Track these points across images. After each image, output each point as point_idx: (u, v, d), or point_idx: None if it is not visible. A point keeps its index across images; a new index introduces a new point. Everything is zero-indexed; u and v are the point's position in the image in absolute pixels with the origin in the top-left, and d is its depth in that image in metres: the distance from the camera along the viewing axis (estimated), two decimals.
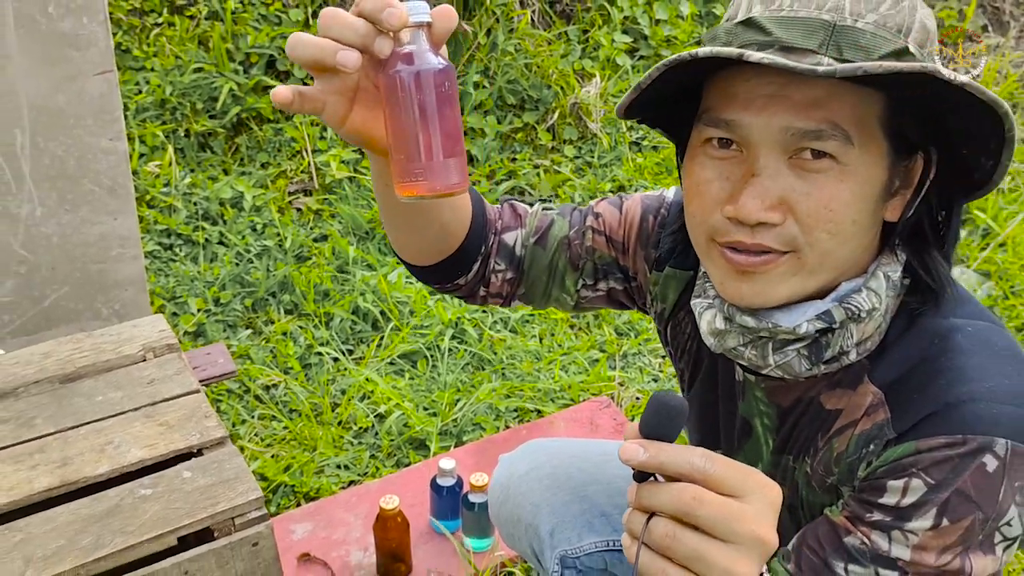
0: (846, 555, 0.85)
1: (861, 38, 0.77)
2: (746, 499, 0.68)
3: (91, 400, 1.33)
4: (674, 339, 1.12)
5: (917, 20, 0.80)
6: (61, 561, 1.08)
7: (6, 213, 1.74)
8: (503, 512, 1.44)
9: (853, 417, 0.89)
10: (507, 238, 1.10)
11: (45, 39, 1.60)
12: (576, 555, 1.32)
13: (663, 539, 0.68)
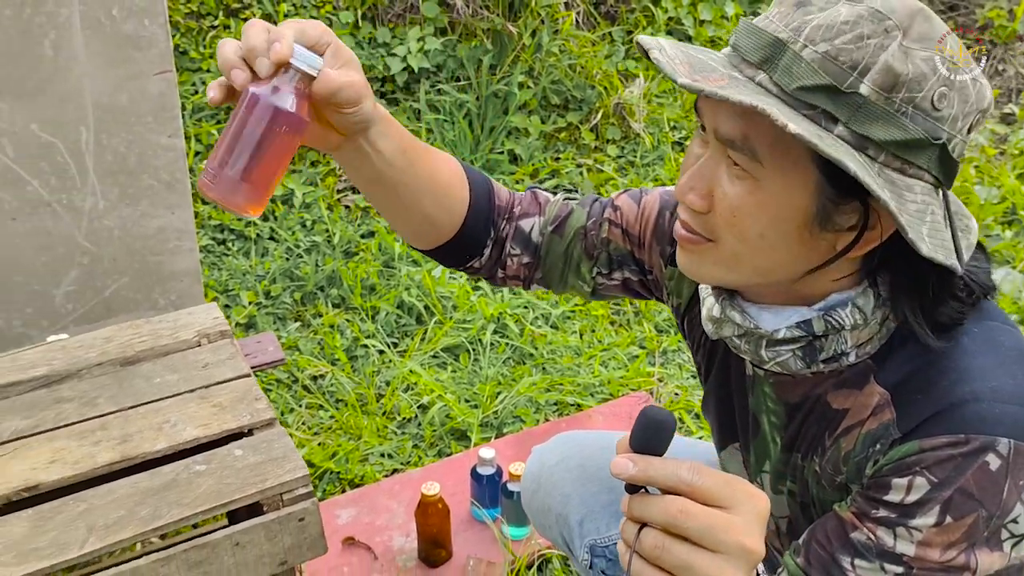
0: (853, 550, 0.87)
1: (796, 65, 0.78)
2: (733, 510, 0.70)
3: (149, 382, 1.41)
4: (690, 333, 1.14)
5: (881, 61, 0.77)
6: (122, 530, 1.15)
7: (71, 206, 1.83)
8: (535, 502, 1.48)
9: (860, 417, 0.91)
10: (524, 224, 1.14)
11: (109, 41, 1.69)
12: (605, 544, 1.35)
13: (653, 549, 0.71)
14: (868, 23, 0.77)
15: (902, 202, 0.78)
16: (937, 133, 0.79)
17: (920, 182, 0.80)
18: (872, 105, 0.77)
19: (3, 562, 1.10)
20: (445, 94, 3.18)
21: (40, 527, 1.15)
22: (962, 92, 0.79)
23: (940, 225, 0.82)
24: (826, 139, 0.76)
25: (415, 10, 3.23)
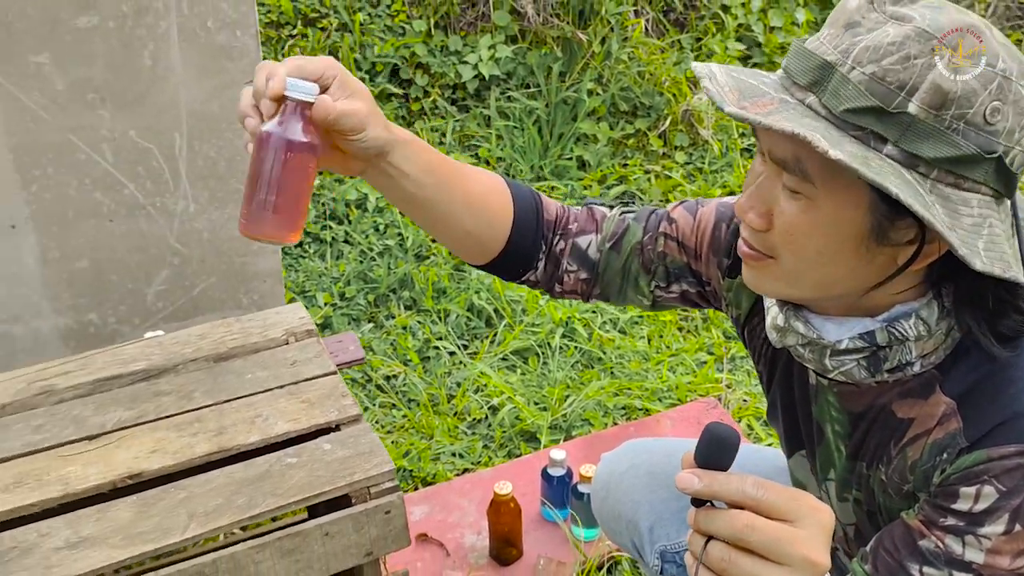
0: (921, 558, 0.89)
1: (843, 87, 0.79)
2: (797, 523, 0.72)
3: (241, 377, 1.47)
4: (751, 343, 1.16)
5: (929, 80, 0.77)
6: (220, 517, 1.21)
7: (164, 210, 1.91)
8: (605, 509, 1.50)
9: (926, 426, 0.91)
10: (581, 241, 1.17)
11: (204, 51, 1.77)
12: (676, 550, 1.35)
13: (720, 562, 0.73)
14: (915, 43, 0.77)
15: (956, 217, 0.79)
16: (991, 147, 0.79)
17: (977, 195, 0.81)
18: (921, 124, 0.78)
19: (112, 543, 1.17)
20: (515, 101, 3.23)
21: (144, 512, 1.22)
22: (1017, 104, 0.79)
23: (1000, 237, 0.81)
24: (873, 160, 0.77)
25: (486, 18, 3.28)
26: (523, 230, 1.14)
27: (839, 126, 0.80)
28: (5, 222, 1.78)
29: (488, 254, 1.14)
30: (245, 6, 1.75)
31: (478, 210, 1.10)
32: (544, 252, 1.17)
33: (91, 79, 1.71)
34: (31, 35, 1.62)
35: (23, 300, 1.88)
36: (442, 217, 1.08)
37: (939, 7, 0.80)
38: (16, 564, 1.15)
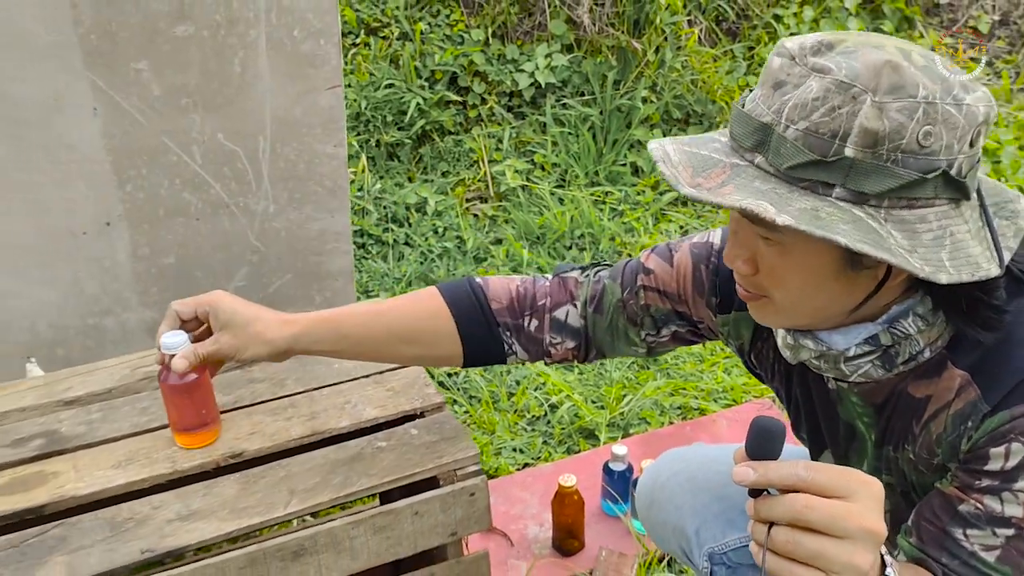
0: (963, 521, 0.94)
1: (783, 145, 0.85)
2: (851, 498, 0.76)
3: (330, 367, 1.55)
4: (760, 366, 1.22)
5: (857, 125, 0.82)
6: (319, 494, 1.29)
7: (246, 209, 2.01)
8: (650, 516, 1.53)
9: (945, 400, 0.96)
10: (559, 314, 1.24)
11: (289, 59, 1.86)
12: (723, 551, 1.37)
13: (785, 544, 0.77)
14: (836, 95, 0.82)
15: (915, 236, 0.84)
16: (932, 166, 0.83)
17: (933, 209, 0.85)
18: (861, 164, 0.83)
19: (220, 516, 1.26)
20: (570, 108, 3.30)
21: (248, 489, 1.30)
22: (947, 122, 0.83)
23: (965, 240, 0.86)
24: (823, 210, 0.83)
25: (543, 28, 3.36)
26: (473, 334, 1.24)
27: (788, 181, 0.86)
28: (101, 220, 1.89)
29: (454, 361, 1.26)
30: (329, 16, 1.84)
31: (414, 340, 1.23)
32: (511, 338, 1.25)
33: (185, 85, 1.81)
34: (132, 44, 1.72)
35: (115, 294, 1.98)
36: (381, 358, 1.27)
37: (853, 51, 0.84)
38: (132, 534, 1.23)
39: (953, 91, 0.83)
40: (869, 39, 0.87)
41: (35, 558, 1.20)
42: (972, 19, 3.97)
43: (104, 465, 1.34)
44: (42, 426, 1.43)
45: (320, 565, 1.29)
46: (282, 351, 1.21)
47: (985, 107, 0.85)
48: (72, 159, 1.80)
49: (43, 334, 1.96)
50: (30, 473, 1.34)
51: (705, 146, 0.93)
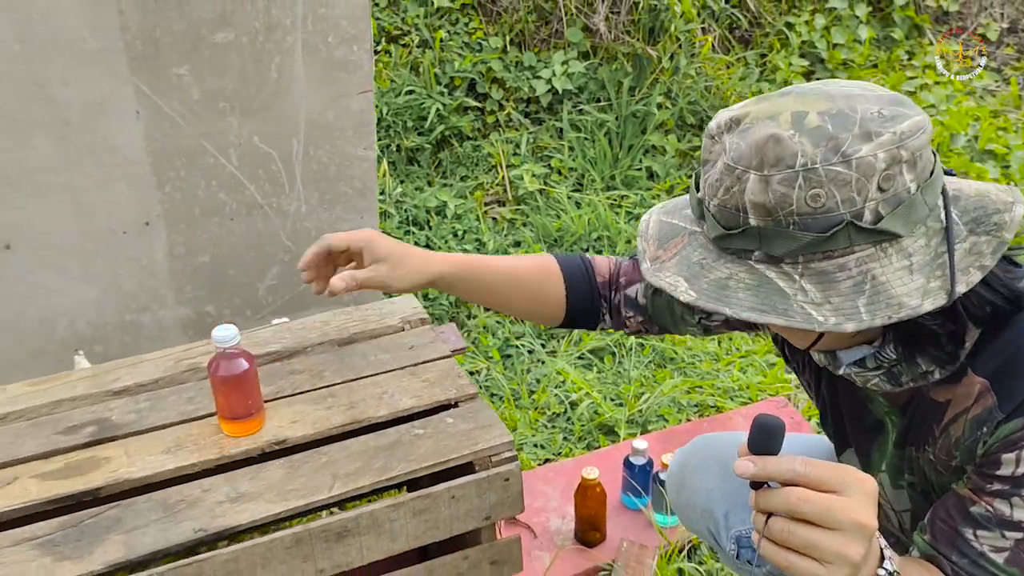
0: (974, 523, 0.99)
1: (709, 218, 0.96)
2: (844, 493, 0.81)
3: (366, 359, 1.62)
4: (793, 357, 1.30)
5: (747, 201, 0.90)
6: (360, 478, 1.35)
7: (279, 210, 2.07)
8: (681, 499, 1.59)
9: (964, 405, 1.01)
10: (630, 292, 1.39)
11: (324, 64, 1.93)
12: (749, 534, 1.44)
13: (781, 534, 0.83)
14: (727, 176, 0.92)
15: (832, 286, 0.89)
16: (832, 222, 0.88)
17: (854, 255, 0.89)
18: (765, 231, 0.90)
19: (268, 499, 1.32)
20: (587, 114, 3.37)
21: (293, 473, 1.37)
22: (835, 180, 0.87)
23: (889, 282, 0.89)
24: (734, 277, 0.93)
25: (560, 35, 3.43)
26: (579, 300, 1.39)
27: (720, 249, 0.96)
28: (141, 219, 1.96)
29: (554, 321, 1.41)
30: (362, 23, 1.91)
31: (532, 298, 1.38)
32: (606, 308, 1.41)
33: (223, 89, 1.88)
34: (175, 50, 1.79)
35: (152, 292, 2.05)
36: (500, 306, 1.40)
37: (747, 128, 0.92)
38: (184, 514, 1.29)
39: (842, 147, 0.87)
40: (773, 107, 0.93)
41: (93, 537, 1.26)
42: (981, 27, 4.03)
43: (154, 451, 1.40)
44: (93, 414, 1.49)
45: (362, 546, 1.35)
46: (428, 283, 1.34)
47: (888, 151, 0.87)
48: (115, 161, 1.87)
49: (83, 331, 2.03)
50: (84, 458, 1.40)
51: (679, 213, 1.05)
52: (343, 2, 1.86)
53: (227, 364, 1.36)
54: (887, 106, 0.91)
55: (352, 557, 1.35)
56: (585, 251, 3.08)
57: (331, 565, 1.34)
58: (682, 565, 1.94)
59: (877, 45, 3.84)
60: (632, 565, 1.97)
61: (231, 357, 1.37)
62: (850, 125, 0.89)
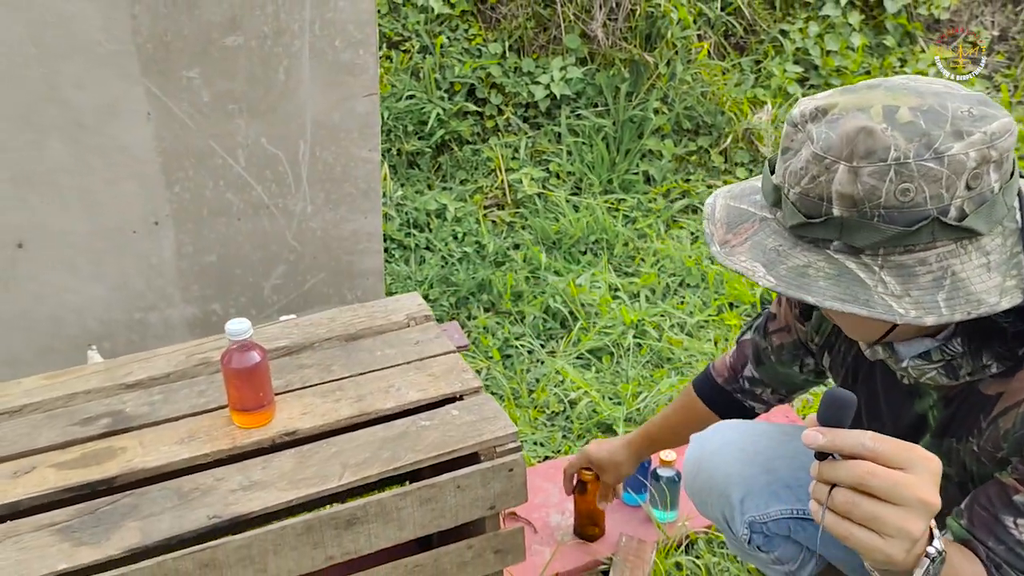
0: (1016, 511, 1.01)
1: (787, 206, 0.98)
2: (911, 470, 0.83)
3: (372, 354, 1.66)
4: (834, 358, 1.35)
5: (834, 191, 0.91)
6: (369, 468, 1.39)
7: (285, 210, 2.12)
8: (697, 483, 1.63)
9: (1017, 398, 1.03)
10: (747, 373, 1.59)
11: (330, 68, 1.97)
12: (763, 521, 1.47)
13: (845, 505, 0.84)
14: (813, 165, 0.93)
15: (912, 280, 0.91)
16: (919, 216, 0.90)
17: (934, 251, 0.91)
18: (848, 221, 0.92)
19: (279, 487, 1.36)
20: (584, 119, 3.42)
21: (303, 463, 1.40)
22: (926, 176, 0.89)
23: (967, 280, 0.92)
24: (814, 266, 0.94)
25: (558, 41, 3.48)
26: (723, 408, 1.64)
27: (796, 236, 0.97)
28: (150, 219, 2.00)
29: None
30: (368, 28, 1.95)
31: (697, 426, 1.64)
32: (741, 397, 1.62)
33: (232, 91, 1.92)
34: (186, 53, 1.84)
35: (159, 291, 2.09)
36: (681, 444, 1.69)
37: (837, 119, 0.94)
38: (199, 502, 1.33)
39: (934, 144, 0.89)
40: (864, 99, 0.94)
41: (110, 523, 1.30)
42: (972, 35, 4.09)
43: (168, 441, 1.44)
44: (107, 407, 1.53)
45: (370, 534, 1.39)
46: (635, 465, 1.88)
47: (979, 150, 0.90)
48: (125, 161, 1.91)
49: (91, 328, 2.07)
50: (99, 448, 1.44)
51: (747, 198, 1.06)
52: (350, 7, 1.91)
53: (240, 356, 1.40)
54: (976, 106, 0.93)
55: (360, 544, 1.39)
56: (583, 253, 3.13)
57: (340, 552, 1.38)
58: (680, 559, 1.98)
59: (870, 52, 3.91)
60: (631, 559, 2.00)
61: (244, 350, 1.41)
62: (942, 122, 0.91)
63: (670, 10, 3.39)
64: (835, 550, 1.47)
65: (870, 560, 0.87)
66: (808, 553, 1.53)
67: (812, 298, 0.92)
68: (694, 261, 3.04)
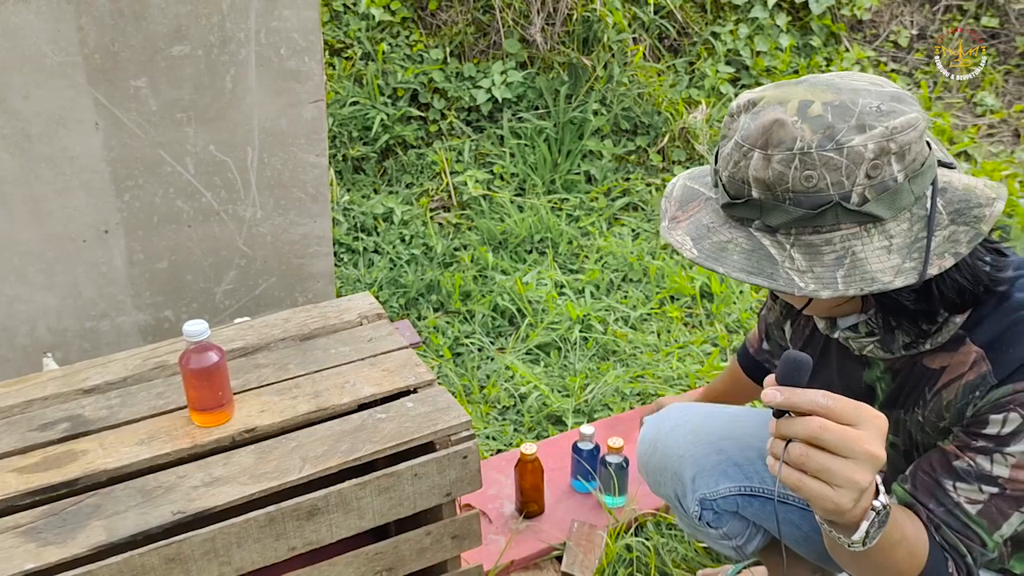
0: (955, 475, 1.09)
1: (719, 187, 1.09)
2: (860, 426, 0.90)
3: (327, 352, 1.70)
4: (794, 332, 1.45)
5: (750, 175, 1.02)
6: (328, 460, 1.44)
7: (235, 216, 2.15)
8: (651, 463, 1.69)
9: (959, 371, 1.12)
10: (763, 347, 1.70)
11: (276, 75, 2.02)
12: (713, 498, 1.56)
13: (799, 458, 0.91)
14: (735, 152, 1.05)
15: (817, 258, 1.01)
16: (821, 201, 0.99)
17: (839, 232, 1.01)
18: (765, 203, 1.02)
19: (241, 482, 1.40)
20: (526, 121, 3.50)
21: (264, 458, 1.45)
22: (827, 165, 0.98)
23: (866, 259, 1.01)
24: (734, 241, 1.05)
25: (498, 46, 3.56)
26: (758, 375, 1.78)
27: (728, 215, 1.09)
28: (100, 227, 2.02)
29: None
30: (313, 36, 2.00)
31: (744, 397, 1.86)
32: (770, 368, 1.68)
33: (180, 100, 1.95)
34: (133, 62, 1.87)
35: (111, 298, 2.11)
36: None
37: (759, 111, 1.05)
38: (163, 499, 1.37)
39: (837, 136, 0.99)
40: (785, 94, 1.05)
41: (75, 523, 1.33)
42: (893, 33, 4.28)
43: (129, 442, 1.47)
44: (66, 411, 1.55)
45: (331, 524, 1.44)
46: None
47: (878, 142, 0.99)
48: (74, 171, 1.93)
49: (43, 337, 2.08)
50: (60, 452, 1.46)
51: (701, 179, 1.18)
52: (294, 16, 1.95)
53: (198, 357, 1.44)
54: (887, 102, 1.02)
55: (322, 534, 1.44)
56: (529, 252, 3.20)
57: (302, 543, 1.43)
58: (630, 541, 2.06)
59: (797, 52, 4.06)
60: (583, 543, 2.08)
61: (202, 350, 1.45)
62: (848, 116, 1.00)
63: (606, 14, 3.49)
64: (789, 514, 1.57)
65: (820, 510, 0.94)
66: (755, 528, 1.62)
67: (722, 269, 1.03)
68: (636, 257, 3.14)
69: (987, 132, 3.97)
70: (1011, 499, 1.07)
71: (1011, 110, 4.11)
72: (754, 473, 1.55)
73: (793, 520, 1.54)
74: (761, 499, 1.55)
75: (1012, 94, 4.19)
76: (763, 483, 1.55)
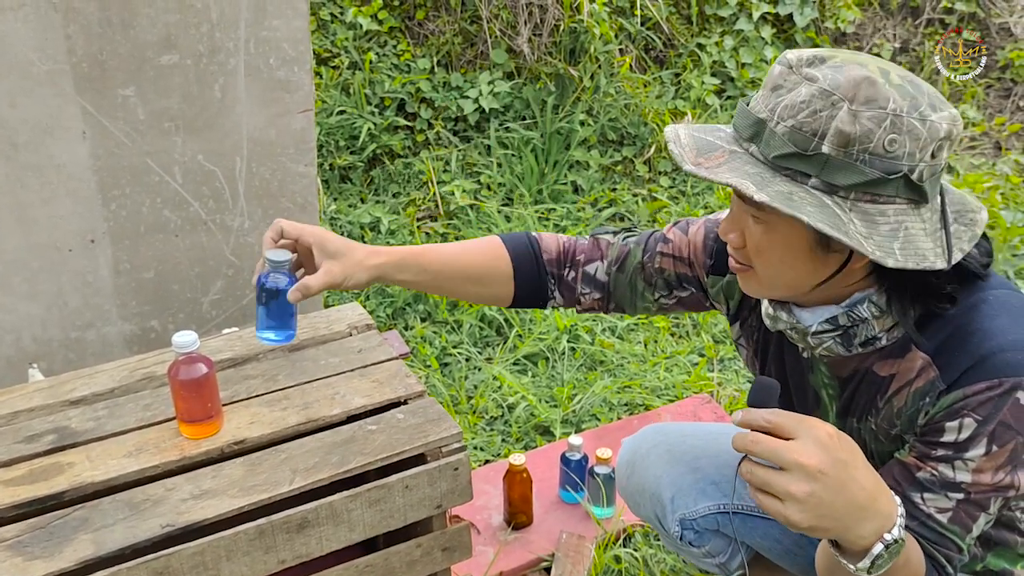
0: (921, 487, 1.10)
1: (772, 138, 1.03)
2: (797, 438, 0.93)
3: (316, 363, 1.70)
4: (744, 329, 1.43)
5: (833, 127, 0.98)
6: (319, 472, 1.43)
7: (223, 225, 2.14)
8: (630, 484, 1.70)
9: (908, 378, 1.13)
10: (589, 269, 1.47)
11: (265, 85, 2.01)
12: (693, 517, 1.56)
13: (745, 474, 0.96)
14: (819, 100, 1.00)
15: (874, 226, 1.01)
16: (895, 169, 0.99)
17: (893, 206, 1.00)
18: (834, 159, 0.99)
19: (231, 494, 1.39)
20: (513, 132, 3.50)
21: (253, 470, 1.44)
22: (911, 133, 0.98)
23: (917, 236, 1.02)
24: (796, 194, 1.01)
25: (485, 57, 3.57)
26: (526, 279, 1.46)
27: (774, 168, 1.04)
28: (86, 236, 2.00)
29: (503, 301, 1.49)
30: (302, 45, 2.00)
31: (479, 280, 1.45)
32: (554, 285, 1.47)
33: (168, 109, 1.94)
34: (121, 71, 1.86)
35: (96, 308, 2.09)
36: (450, 294, 1.48)
37: (840, 66, 1.02)
38: (151, 512, 1.36)
39: (920, 108, 0.99)
40: (857, 57, 1.04)
41: (62, 537, 1.31)
42: (876, 46, 4.32)
43: (116, 455, 1.46)
44: (52, 423, 1.54)
45: (321, 537, 1.43)
46: (376, 277, 1.37)
47: (948, 124, 1.01)
48: (61, 180, 1.91)
49: (27, 347, 2.05)
50: (47, 464, 1.45)
51: (711, 134, 1.12)
52: (284, 26, 1.95)
53: (187, 368, 1.43)
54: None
55: (312, 547, 1.43)
56: None
57: (292, 555, 1.42)
58: (618, 552, 2.06)
59: None
60: (572, 555, 2.08)
61: (191, 361, 1.44)
62: (921, 94, 1.01)
63: (592, 25, 3.50)
64: (765, 538, 1.56)
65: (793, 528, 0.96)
66: (736, 545, 1.62)
67: (806, 218, 0.97)
68: None
69: (969, 145, 4.01)
70: (976, 503, 1.09)
71: (992, 123, 4.16)
72: (731, 490, 1.55)
73: (774, 535, 1.55)
74: (741, 516, 1.56)
75: (993, 107, 4.24)
76: (740, 499, 1.55)
